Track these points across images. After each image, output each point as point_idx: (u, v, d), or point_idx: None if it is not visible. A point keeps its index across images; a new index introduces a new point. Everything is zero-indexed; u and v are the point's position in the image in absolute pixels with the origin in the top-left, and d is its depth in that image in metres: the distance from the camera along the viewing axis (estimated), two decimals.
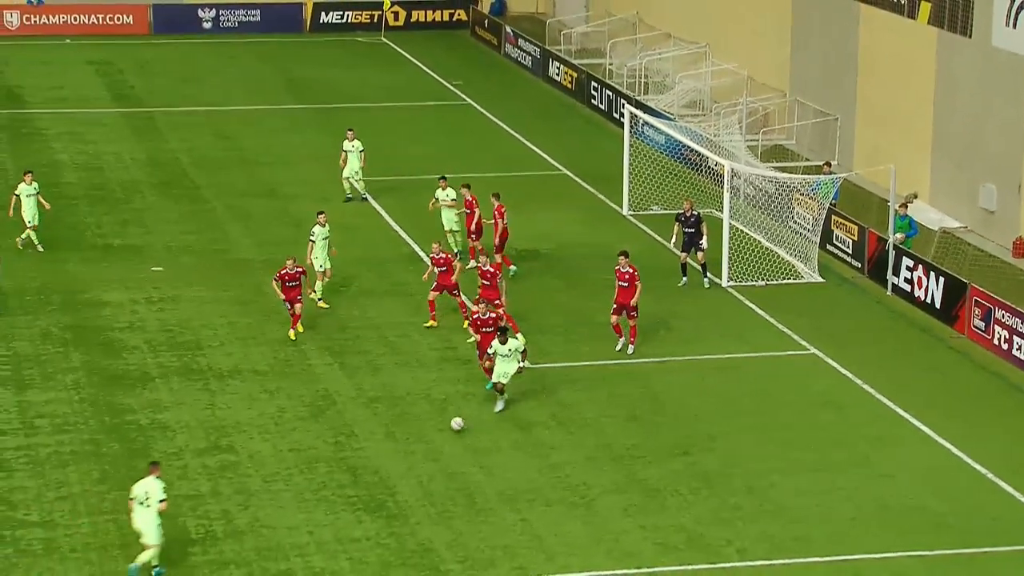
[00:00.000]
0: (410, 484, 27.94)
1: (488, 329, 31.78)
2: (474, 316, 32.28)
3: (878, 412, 31.49)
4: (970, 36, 41.79)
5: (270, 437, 29.59)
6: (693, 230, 37.43)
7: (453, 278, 34.52)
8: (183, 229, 41.40)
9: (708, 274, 37.85)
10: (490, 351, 30.59)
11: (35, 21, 64.22)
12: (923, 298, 36.84)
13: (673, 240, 38.04)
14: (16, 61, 59.41)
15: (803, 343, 34.88)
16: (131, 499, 24.57)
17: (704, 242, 37.42)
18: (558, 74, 57.82)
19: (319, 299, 35.72)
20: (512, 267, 37.48)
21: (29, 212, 38.85)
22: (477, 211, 38.27)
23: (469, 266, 36.87)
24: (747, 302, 37.31)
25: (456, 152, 49.27)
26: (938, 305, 36.34)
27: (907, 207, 39.63)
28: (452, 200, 38.64)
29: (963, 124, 42.31)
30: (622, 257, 33.50)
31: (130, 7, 64.96)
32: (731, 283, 38.17)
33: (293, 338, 33.66)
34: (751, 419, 30.95)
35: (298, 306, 33.70)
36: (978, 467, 29.08)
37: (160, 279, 37.66)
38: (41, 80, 56.86)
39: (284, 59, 61.34)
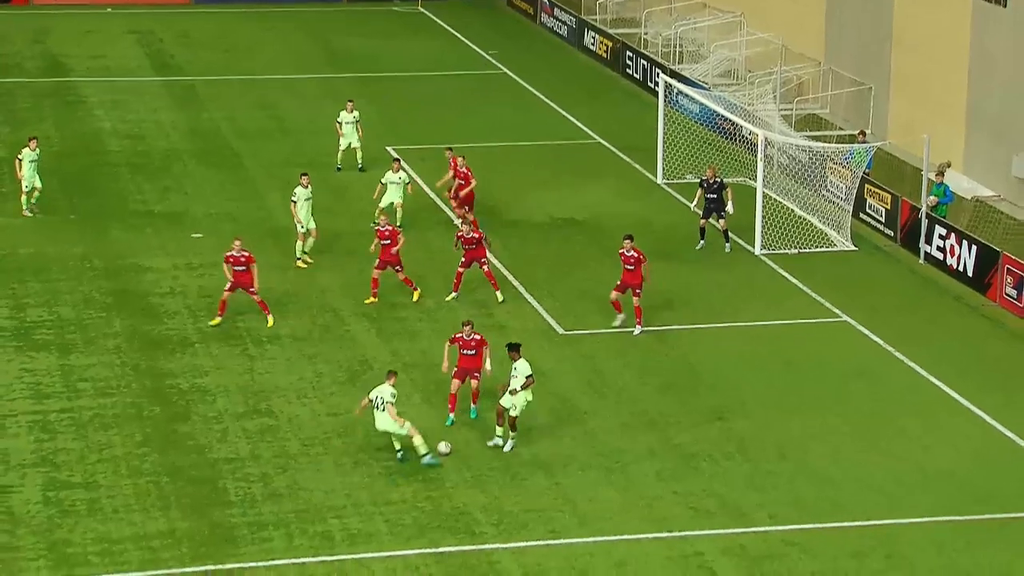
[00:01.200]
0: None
1: (471, 246, 33.39)
2: (458, 235, 33.59)
3: (910, 380, 31.38)
4: (1005, 5, 41.44)
5: (308, 401, 29.68)
6: (716, 196, 37.46)
7: (394, 250, 33.78)
8: (223, 196, 41.51)
9: (730, 239, 37.73)
10: (529, 378, 27.50)
11: None
12: (955, 266, 36.67)
13: (694, 204, 38.12)
14: (59, 30, 59.59)
15: (835, 311, 34.76)
16: (368, 400, 26.45)
17: (730, 207, 37.39)
18: (593, 44, 57.64)
19: (299, 258, 36.00)
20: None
21: (28, 177, 38.69)
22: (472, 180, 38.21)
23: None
24: (780, 270, 37.20)
25: (491, 121, 49.21)
26: (970, 273, 36.16)
27: (943, 175, 39.42)
28: (406, 183, 38.46)
29: (997, 94, 42.00)
30: (627, 241, 33.26)
31: None
32: (764, 251, 38.06)
33: (270, 325, 32.55)
34: (784, 386, 30.89)
35: (252, 293, 32.26)
36: (1011, 435, 28.98)
37: (200, 245, 37.78)
38: (84, 49, 57.03)
39: (323, 29, 61.34)
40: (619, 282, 33.20)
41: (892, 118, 46.12)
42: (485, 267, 34.60)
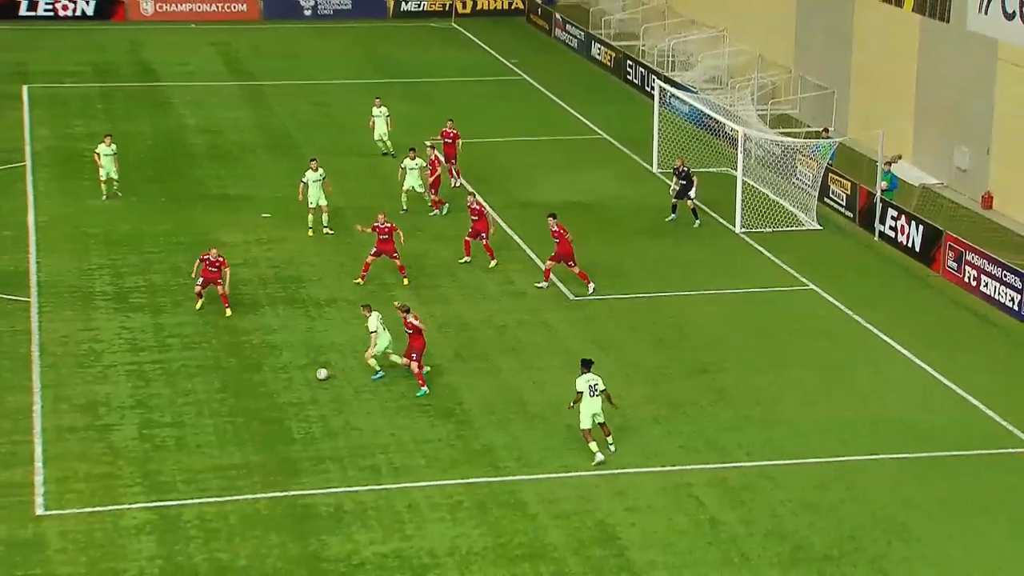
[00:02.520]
0: (474, 396, 28.01)
1: (475, 217, 33.43)
2: (468, 204, 33.92)
3: (867, 339, 31.30)
4: (948, 21, 41.19)
5: (359, 355, 29.64)
6: (685, 181, 37.74)
7: (400, 242, 33.21)
8: (287, 182, 41.37)
9: (698, 217, 37.79)
10: (578, 392, 25.14)
11: (166, 8, 64.24)
12: (905, 243, 36.52)
13: (671, 188, 38.31)
14: (150, 43, 59.52)
15: (803, 280, 34.66)
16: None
17: (693, 192, 37.64)
18: (599, 54, 57.38)
19: (310, 227, 36.03)
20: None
21: (106, 168, 38.34)
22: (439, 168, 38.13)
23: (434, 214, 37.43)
24: (756, 245, 37.09)
25: (513, 119, 49.06)
26: (918, 249, 36.02)
27: (891, 165, 39.24)
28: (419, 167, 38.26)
29: (941, 96, 41.78)
30: (551, 219, 33.25)
31: None
32: (743, 230, 37.93)
33: (228, 315, 31.23)
34: (759, 344, 30.83)
35: (219, 288, 31.16)
36: (951, 385, 28.91)
37: (269, 224, 37.76)
38: (171, 58, 56.93)
39: (370, 41, 61.15)
40: (555, 253, 33.02)
41: (852, 117, 45.89)
42: (484, 240, 34.51)
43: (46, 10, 62.74)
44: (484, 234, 34.42)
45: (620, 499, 24.09)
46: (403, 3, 66.19)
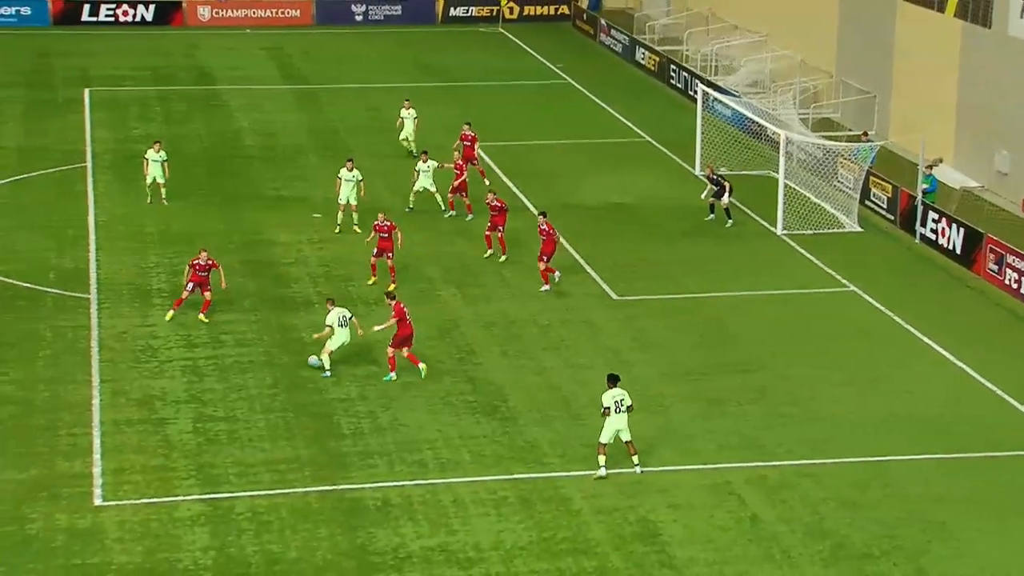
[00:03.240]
0: (519, 393, 28.01)
1: (494, 212, 33.71)
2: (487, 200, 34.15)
3: (905, 339, 31.08)
4: (989, 27, 40.80)
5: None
6: (717, 187, 37.82)
7: (400, 245, 33.03)
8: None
9: (731, 217, 37.82)
10: (604, 409, 24.28)
11: (221, 14, 64.64)
12: (946, 245, 36.22)
13: (704, 194, 38.34)
14: (206, 47, 59.90)
15: (844, 281, 34.45)
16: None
17: (726, 198, 37.70)
18: (643, 59, 57.23)
19: (338, 224, 36.26)
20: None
21: (152, 174, 38.13)
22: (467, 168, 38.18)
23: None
24: (798, 247, 36.89)
25: (558, 122, 49.02)
26: (958, 251, 35.71)
27: (932, 169, 38.94)
28: (436, 165, 38.26)
29: (982, 100, 41.40)
30: (541, 217, 33.33)
31: (297, 3, 65.15)
32: (784, 232, 37.74)
33: (205, 321, 30.71)
34: (798, 343, 30.66)
35: (207, 293, 30.84)
36: (989, 385, 28.65)
37: (319, 224, 37.91)
38: (226, 62, 57.27)
39: (420, 46, 61.26)
40: (540, 253, 33.12)
41: (893, 121, 45.55)
42: (500, 232, 34.61)
43: (107, 16, 63.29)
44: (501, 227, 34.53)
45: (662, 496, 24.03)
46: (452, 9, 66.28)
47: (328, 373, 28.37)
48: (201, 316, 30.98)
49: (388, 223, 32.98)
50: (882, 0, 46.20)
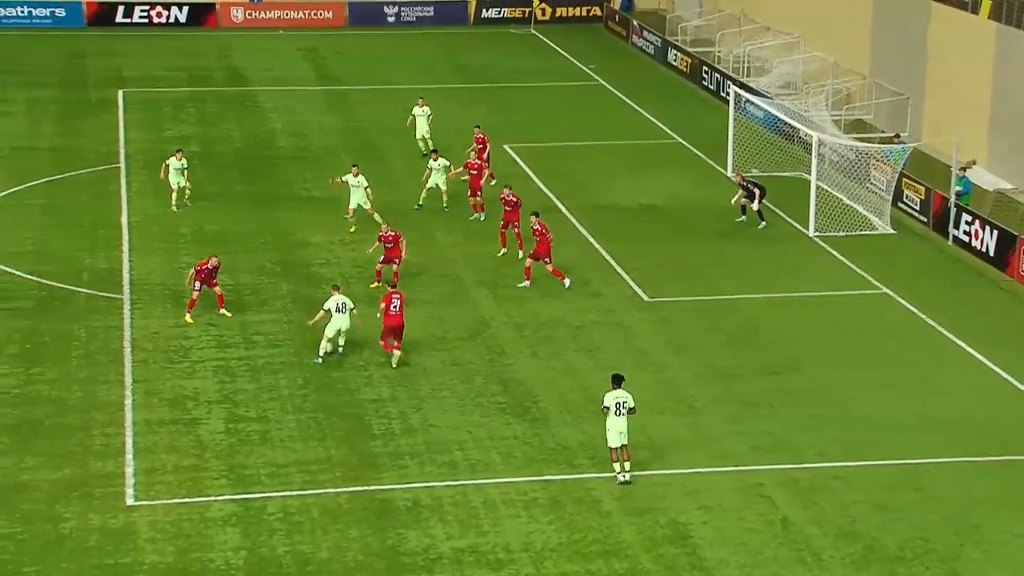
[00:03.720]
0: (550, 394, 27.96)
1: (508, 208, 34.03)
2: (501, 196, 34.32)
3: (938, 341, 30.86)
4: (1022, 27, 40.46)
5: (437, 353, 29.78)
6: (747, 191, 37.78)
7: (403, 255, 32.83)
8: (369, 184, 41.63)
9: (763, 219, 37.73)
10: (604, 408, 24.12)
11: (255, 16, 64.88)
12: (979, 248, 35.94)
13: (734, 199, 38.31)
14: (240, 48, 60.14)
15: (876, 283, 34.24)
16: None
17: (756, 204, 37.62)
18: (675, 60, 57.08)
19: (347, 217, 36.65)
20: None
21: (174, 179, 38.00)
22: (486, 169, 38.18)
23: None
24: (830, 249, 36.70)
25: (590, 123, 48.95)
26: (992, 253, 35.43)
27: (965, 171, 38.67)
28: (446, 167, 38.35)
29: (1016, 102, 41.05)
30: (533, 217, 33.19)
31: (330, 4, 65.33)
32: (817, 234, 37.55)
33: (228, 315, 31.02)
34: (830, 345, 30.50)
35: (217, 288, 30.99)
36: (1022, 387, 28.39)
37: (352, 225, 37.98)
38: (260, 63, 57.48)
39: (452, 47, 61.32)
40: (532, 252, 33.04)
41: (926, 122, 45.24)
42: (516, 229, 34.72)
43: (141, 17, 63.62)
44: (515, 223, 34.63)
45: (692, 498, 23.93)
46: (484, 10, 66.31)
47: (319, 360, 28.77)
48: (223, 311, 31.07)
49: (393, 233, 32.91)
50: (916, 1, 45.89)
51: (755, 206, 37.80)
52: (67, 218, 37.94)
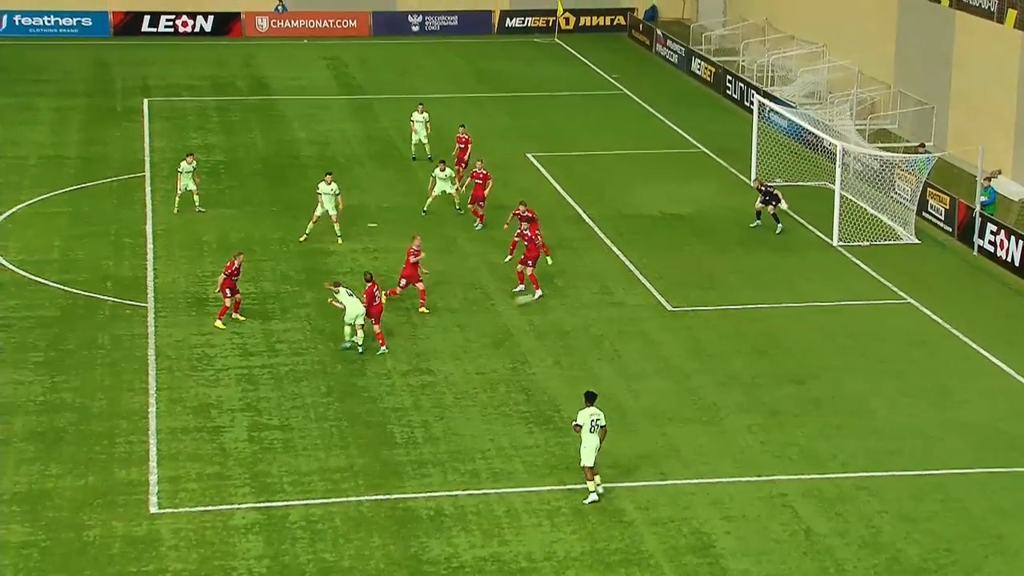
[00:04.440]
0: (572, 402, 27.87)
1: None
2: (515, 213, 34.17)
3: (962, 351, 30.70)
4: None
5: (460, 362, 29.78)
6: (767, 197, 37.89)
7: (422, 271, 32.53)
8: (393, 192, 41.77)
9: (779, 222, 37.84)
10: (576, 425, 23.71)
11: (279, 25, 65.13)
12: (1004, 257, 35.75)
13: (757, 205, 38.34)
14: (264, 57, 60.36)
15: (900, 293, 34.10)
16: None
17: (772, 208, 37.75)
18: (699, 69, 57.02)
19: (306, 234, 36.55)
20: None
21: (183, 182, 38.30)
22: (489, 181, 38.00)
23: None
24: (854, 259, 36.57)
25: (614, 132, 48.92)
26: (1017, 263, 35.23)
27: (990, 181, 38.48)
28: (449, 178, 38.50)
29: None
30: (526, 223, 33.44)
31: (355, 13, 65.51)
32: (841, 243, 37.43)
33: (242, 319, 31.25)
34: (854, 354, 30.38)
35: (238, 295, 31.30)
36: None
37: (375, 233, 38.03)
38: (284, 72, 57.66)
39: (476, 56, 61.41)
40: (524, 256, 33.15)
41: (951, 132, 45.06)
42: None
43: (167, 27, 63.93)
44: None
45: (715, 507, 23.86)
46: (508, 19, 66.39)
47: (348, 344, 29.71)
48: (236, 315, 31.28)
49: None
50: (941, 11, 45.73)
51: (771, 210, 37.72)
52: (92, 226, 38.12)
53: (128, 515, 23.54)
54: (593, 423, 23.71)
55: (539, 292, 32.92)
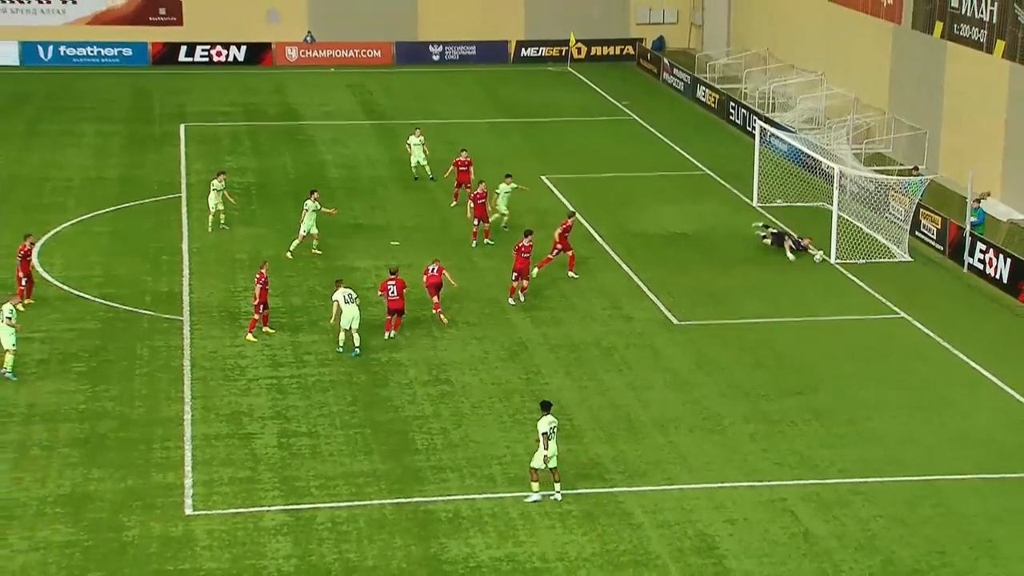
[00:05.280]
0: (583, 412, 27.92)
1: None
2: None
3: (954, 363, 30.62)
4: None
5: (477, 373, 29.80)
6: (776, 239, 37.81)
7: (449, 283, 32.52)
8: (415, 212, 41.83)
9: (818, 253, 37.50)
10: (544, 435, 23.70)
11: (308, 54, 65.38)
12: (993, 275, 35.67)
13: (755, 227, 38.53)
14: (294, 85, 60.57)
15: (895, 308, 34.03)
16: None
17: (788, 245, 37.34)
18: (704, 96, 57.05)
19: (290, 250, 36.62)
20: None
21: (213, 202, 38.56)
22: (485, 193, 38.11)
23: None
24: (850, 275, 36.51)
25: (623, 156, 48.95)
26: (1005, 280, 35.14)
27: (980, 202, 38.43)
28: (514, 188, 38.58)
29: None
30: (527, 237, 33.23)
31: (378, 44, 65.73)
32: (838, 260, 37.38)
33: (271, 332, 31.37)
34: (852, 367, 30.31)
35: (266, 312, 31.42)
36: None
37: (397, 251, 38.09)
38: (312, 99, 57.84)
39: (493, 83, 61.52)
40: (515, 270, 33.20)
41: (942, 156, 45.00)
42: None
43: (202, 56, 64.25)
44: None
45: (719, 511, 23.82)
46: (523, 49, 66.54)
47: (340, 350, 29.56)
48: (267, 329, 31.47)
49: (438, 271, 32.32)
50: (933, 41, 45.72)
51: (788, 246, 37.50)
52: (132, 245, 38.26)
53: (165, 517, 23.60)
54: (553, 430, 23.68)
55: (512, 301, 33.10)
